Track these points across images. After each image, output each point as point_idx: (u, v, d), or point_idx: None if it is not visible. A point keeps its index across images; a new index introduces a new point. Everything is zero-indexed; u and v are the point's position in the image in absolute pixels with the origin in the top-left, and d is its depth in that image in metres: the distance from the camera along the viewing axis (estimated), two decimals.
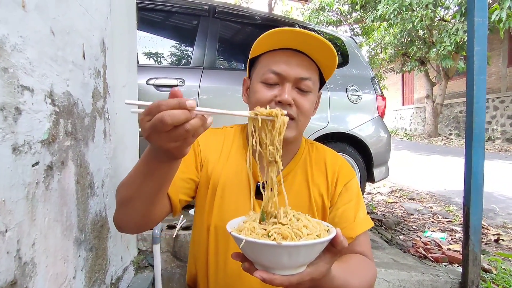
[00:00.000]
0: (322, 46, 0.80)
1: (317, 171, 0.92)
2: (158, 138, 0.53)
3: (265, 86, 0.83)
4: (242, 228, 0.60)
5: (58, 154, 0.81)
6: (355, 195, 0.91)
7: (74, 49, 0.91)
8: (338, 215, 0.88)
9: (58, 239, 0.81)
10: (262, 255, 0.55)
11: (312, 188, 0.89)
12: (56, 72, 0.80)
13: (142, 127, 0.54)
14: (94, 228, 1.04)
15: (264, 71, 0.83)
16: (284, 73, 0.81)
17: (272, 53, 0.84)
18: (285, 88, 0.81)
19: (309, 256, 0.57)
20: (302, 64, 0.83)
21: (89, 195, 1.00)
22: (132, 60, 1.47)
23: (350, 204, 0.89)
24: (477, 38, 1.71)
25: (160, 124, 0.50)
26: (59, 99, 0.81)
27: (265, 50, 0.85)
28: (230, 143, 0.93)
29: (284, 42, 0.82)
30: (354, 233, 0.87)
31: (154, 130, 0.52)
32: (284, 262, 0.55)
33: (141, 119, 0.54)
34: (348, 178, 0.92)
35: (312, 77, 0.85)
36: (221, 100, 2.72)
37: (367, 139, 3.00)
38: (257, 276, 0.56)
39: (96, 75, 1.05)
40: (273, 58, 0.83)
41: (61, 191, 0.82)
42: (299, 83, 0.83)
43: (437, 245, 2.89)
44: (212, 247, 0.86)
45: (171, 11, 2.94)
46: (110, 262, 1.20)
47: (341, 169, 0.93)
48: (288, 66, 0.82)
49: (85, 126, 0.97)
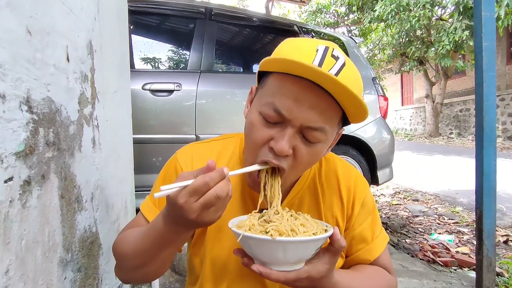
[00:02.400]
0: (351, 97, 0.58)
1: (328, 190, 0.79)
2: (208, 214, 0.54)
3: (262, 122, 0.64)
4: (242, 225, 0.62)
5: (38, 167, 0.72)
6: (371, 211, 0.82)
7: (56, 51, 0.83)
8: (356, 237, 0.79)
9: (39, 262, 0.72)
10: (259, 250, 0.58)
11: (324, 210, 0.78)
12: (33, 76, 0.72)
13: (188, 209, 0.53)
14: (82, 245, 0.96)
15: (266, 102, 0.63)
16: (288, 116, 0.61)
17: (283, 77, 0.62)
18: (285, 134, 0.62)
19: (304, 253, 0.59)
20: (318, 105, 0.61)
21: (76, 210, 0.92)
22: (124, 64, 1.39)
23: (367, 222, 0.80)
24: (485, 34, 1.64)
25: (215, 200, 0.52)
26: (38, 106, 0.73)
27: (276, 70, 0.63)
28: (224, 161, 0.81)
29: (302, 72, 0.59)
30: (372, 256, 0.79)
31: (206, 208, 0.53)
32: (279, 258, 0.57)
33: (185, 202, 0.52)
34: (364, 194, 0.81)
35: (327, 126, 0.63)
36: (219, 105, 2.65)
37: (370, 140, 2.93)
38: (254, 269, 0.57)
39: (82, 80, 0.97)
40: (281, 87, 0.62)
41: (42, 208, 0.73)
42: (305, 131, 0.63)
43: (445, 248, 2.80)
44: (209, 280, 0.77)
45: (167, 14, 2.88)
46: (103, 281, 1.11)
47: (356, 185, 0.81)
48: (297, 106, 0.60)
49: (70, 135, 0.89)
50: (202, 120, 2.56)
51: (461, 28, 8.84)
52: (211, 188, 0.52)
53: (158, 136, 2.49)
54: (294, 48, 0.64)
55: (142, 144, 2.41)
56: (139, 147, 2.40)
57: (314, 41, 0.65)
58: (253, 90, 0.74)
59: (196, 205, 0.52)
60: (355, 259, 0.79)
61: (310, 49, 0.63)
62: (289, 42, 0.68)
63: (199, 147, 0.83)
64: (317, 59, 0.61)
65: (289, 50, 0.64)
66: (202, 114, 2.57)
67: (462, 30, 8.92)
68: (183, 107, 2.55)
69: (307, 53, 0.62)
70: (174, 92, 2.53)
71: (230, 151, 0.81)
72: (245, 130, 0.70)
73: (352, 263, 0.80)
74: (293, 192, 0.78)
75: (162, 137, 2.50)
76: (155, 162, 2.48)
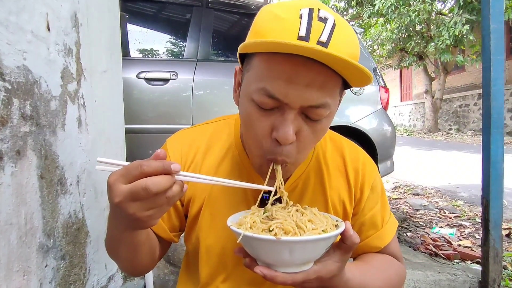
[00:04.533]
0: (351, 66, 0.50)
1: (334, 171, 0.73)
2: (132, 205, 0.46)
3: (258, 110, 0.56)
4: (242, 222, 0.55)
5: (11, 141, 0.65)
6: (381, 195, 0.75)
7: (34, 18, 0.75)
8: (366, 223, 0.73)
9: (13, 246, 0.65)
10: (262, 251, 0.52)
11: (330, 193, 0.71)
12: (6, 40, 0.65)
13: (114, 190, 0.45)
14: (67, 232, 0.89)
15: (257, 88, 0.54)
16: (284, 100, 0.53)
17: (270, 57, 0.53)
18: (286, 118, 0.54)
19: (313, 253, 0.53)
20: (314, 81, 0.52)
21: (59, 193, 0.85)
22: (115, 44, 1.31)
23: (377, 208, 0.74)
24: (493, 15, 1.56)
25: (142, 192, 0.44)
26: (12, 74, 0.66)
27: (262, 50, 0.53)
28: (218, 144, 0.73)
29: (289, 48, 0.50)
30: (383, 242, 0.73)
31: (130, 197, 0.45)
32: (285, 259, 0.51)
33: (113, 180, 0.45)
34: (373, 177, 0.74)
35: (329, 100, 0.55)
36: (216, 94, 2.57)
37: (371, 132, 2.86)
38: (258, 272, 0.52)
39: (66, 53, 0.90)
40: (270, 69, 0.53)
41: (16, 187, 0.66)
42: (307, 111, 0.55)
43: (447, 241, 2.76)
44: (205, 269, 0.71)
45: (163, 2, 2.80)
46: (91, 271, 1.05)
47: (365, 167, 0.74)
48: (292, 87, 0.52)
49: (52, 111, 0.82)
50: (199, 109, 2.49)
51: (461, 22, 8.77)
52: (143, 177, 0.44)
53: (153, 126, 2.42)
54: (274, 20, 0.54)
55: (138, 135, 2.34)
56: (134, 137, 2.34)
57: (295, 4, 0.54)
58: (237, 73, 0.65)
59: (122, 188, 0.45)
60: (364, 246, 0.73)
61: (293, 17, 0.53)
62: (266, 14, 0.56)
63: (189, 132, 0.76)
64: (302, 29, 0.51)
65: (269, 24, 0.54)
66: (199, 104, 2.49)
67: (462, 24, 8.85)
68: (179, 96, 2.48)
69: (289, 24, 0.52)
70: (170, 81, 2.45)
71: (224, 134, 0.74)
72: (243, 120, 0.62)
73: (361, 250, 0.74)
74: (296, 174, 0.71)
75: (158, 127, 2.43)
76: (150, 154, 2.41)
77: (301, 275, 0.52)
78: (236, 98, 0.65)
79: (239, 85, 0.64)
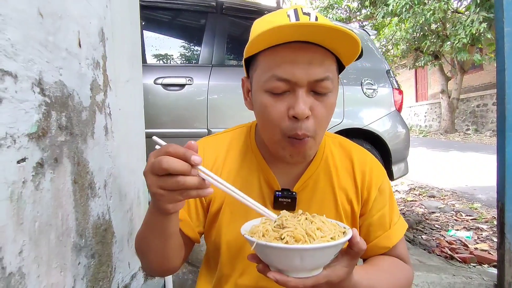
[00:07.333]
0: (339, 35, 0.60)
1: (343, 172, 0.78)
2: (150, 177, 0.52)
3: (272, 97, 0.65)
4: (255, 231, 0.59)
5: (51, 150, 0.72)
6: (389, 197, 0.79)
7: (68, 36, 0.82)
8: (374, 223, 0.77)
9: (53, 245, 0.72)
10: (274, 258, 0.55)
11: (338, 193, 0.76)
12: (46, 58, 0.72)
13: (148, 162, 0.53)
14: (96, 232, 0.96)
15: (267, 78, 0.64)
16: (292, 79, 0.62)
17: (272, 50, 0.64)
18: (298, 96, 0.63)
19: (323, 259, 0.56)
20: (314, 59, 0.63)
21: (90, 196, 0.92)
22: (136, 54, 1.39)
23: (385, 209, 0.78)
24: (507, 18, 1.56)
25: (156, 164, 0.50)
26: (50, 89, 0.73)
27: (263, 47, 0.64)
28: (236, 149, 0.79)
29: (287, 36, 0.61)
30: (391, 242, 0.76)
31: (151, 168, 0.51)
32: (296, 265, 0.54)
33: (151, 154, 0.53)
34: (381, 180, 0.79)
35: (330, 74, 0.65)
36: (230, 98, 2.63)
37: (385, 134, 2.86)
38: (271, 276, 0.55)
39: (94, 66, 0.97)
40: (275, 59, 0.63)
41: (55, 192, 0.73)
42: (315, 86, 0.64)
43: (463, 244, 2.72)
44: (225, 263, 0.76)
45: (178, 9, 2.88)
46: (116, 269, 1.11)
47: (372, 170, 0.79)
48: (296, 67, 0.62)
49: (83, 121, 0.89)
50: (214, 114, 2.55)
51: (478, 20, 8.58)
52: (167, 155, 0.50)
53: (170, 130, 2.50)
54: (266, 24, 0.65)
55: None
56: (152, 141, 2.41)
57: (282, 10, 0.68)
58: (245, 81, 0.75)
59: (150, 160, 0.52)
60: (374, 246, 0.77)
61: (281, 17, 0.66)
62: (258, 23, 0.70)
63: (210, 140, 0.83)
64: (292, 19, 0.64)
65: (262, 28, 0.61)
66: (214, 108, 2.56)
67: (480, 22, 8.65)
68: (195, 101, 2.55)
69: (280, 21, 0.64)
70: (185, 86, 2.52)
71: (241, 141, 0.81)
72: (259, 114, 0.70)
73: (370, 251, 0.77)
74: (307, 174, 0.76)
75: (174, 131, 2.50)
76: None
77: (311, 280, 0.55)
78: (249, 103, 0.75)
79: (248, 92, 0.74)
